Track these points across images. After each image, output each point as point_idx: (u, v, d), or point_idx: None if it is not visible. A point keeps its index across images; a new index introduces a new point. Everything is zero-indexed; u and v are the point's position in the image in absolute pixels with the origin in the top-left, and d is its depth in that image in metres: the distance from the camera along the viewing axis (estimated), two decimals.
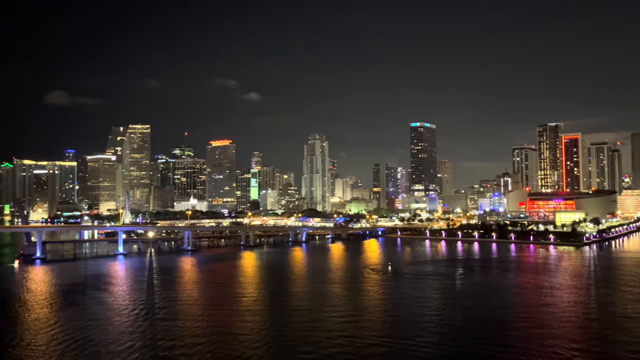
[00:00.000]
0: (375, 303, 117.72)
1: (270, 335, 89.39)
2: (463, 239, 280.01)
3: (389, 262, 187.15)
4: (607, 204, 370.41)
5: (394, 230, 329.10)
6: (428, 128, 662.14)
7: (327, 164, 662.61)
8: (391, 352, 79.63)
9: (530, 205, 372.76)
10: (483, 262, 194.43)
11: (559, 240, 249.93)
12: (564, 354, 76.49)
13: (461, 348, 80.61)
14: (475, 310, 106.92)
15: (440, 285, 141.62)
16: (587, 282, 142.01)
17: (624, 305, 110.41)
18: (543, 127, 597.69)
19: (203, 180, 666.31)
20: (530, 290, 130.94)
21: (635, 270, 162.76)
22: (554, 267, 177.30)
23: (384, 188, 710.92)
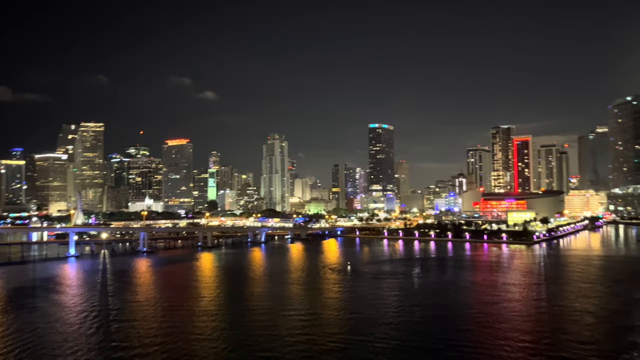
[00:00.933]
0: (334, 302, 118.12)
1: (228, 336, 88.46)
2: (420, 238, 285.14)
3: (348, 262, 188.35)
4: (556, 203, 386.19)
5: (352, 230, 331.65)
6: (386, 129, 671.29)
7: (287, 164, 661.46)
8: (350, 349, 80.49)
9: (484, 205, 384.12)
10: (439, 261, 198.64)
11: (511, 239, 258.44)
12: (516, 346, 79.23)
13: (419, 344, 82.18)
14: (432, 308, 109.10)
15: (399, 283, 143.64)
16: (537, 279, 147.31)
17: (572, 300, 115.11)
18: (496, 129, 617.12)
19: (159, 180, 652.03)
20: (484, 288, 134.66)
21: (581, 267, 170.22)
22: (507, 265, 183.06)
23: (342, 188, 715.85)
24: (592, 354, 76.27)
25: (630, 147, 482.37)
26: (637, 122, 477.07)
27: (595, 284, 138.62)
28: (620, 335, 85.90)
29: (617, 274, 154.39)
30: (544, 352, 77.46)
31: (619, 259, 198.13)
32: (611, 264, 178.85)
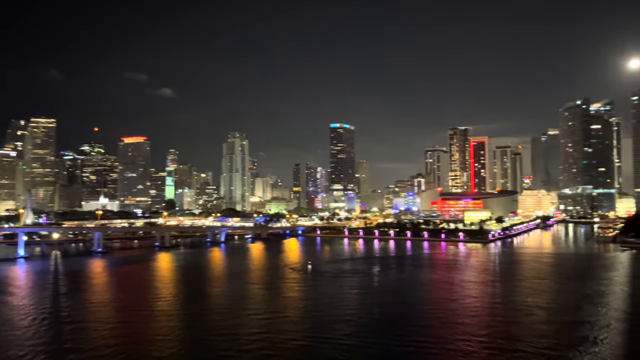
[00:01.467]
0: (295, 302, 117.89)
1: (186, 337, 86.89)
2: (380, 237, 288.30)
3: (308, 261, 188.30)
4: (510, 203, 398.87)
5: (313, 230, 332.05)
6: (347, 129, 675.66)
7: (247, 163, 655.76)
8: (310, 346, 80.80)
9: (442, 204, 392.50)
10: (398, 260, 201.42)
11: (468, 238, 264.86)
12: (473, 341, 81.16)
13: (379, 341, 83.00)
14: (392, 306, 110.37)
15: (359, 282, 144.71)
16: (493, 277, 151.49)
17: (526, 297, 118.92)
18: (454, 130, 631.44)
19: (114, 178, 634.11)
20: (442, 285, 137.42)
21: (534, 264, 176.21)
22: (464, 263, 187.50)
23: (304, 188, 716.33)
24: (544, 347, 79.02)
25: (580, 149, 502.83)
26: (586, 125, 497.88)
27: (547, 280, 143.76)
28: (570, 330, 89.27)
29: (567, 271, 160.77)
30: (500, 346, 79.76)
31: (569, 256, 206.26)
32: (561, 261, 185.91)
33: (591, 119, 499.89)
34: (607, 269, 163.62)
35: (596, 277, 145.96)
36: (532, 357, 75.13)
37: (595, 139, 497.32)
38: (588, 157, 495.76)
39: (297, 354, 77.91)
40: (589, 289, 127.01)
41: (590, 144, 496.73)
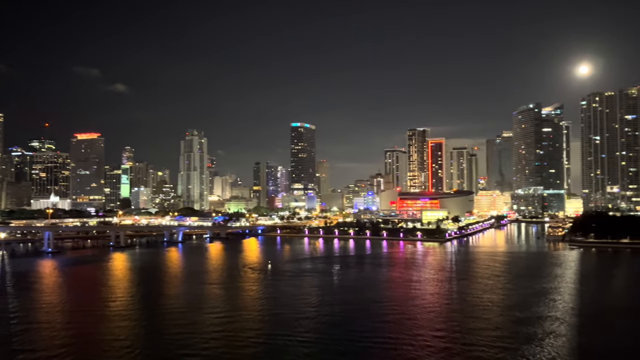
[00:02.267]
0: (254, 301, 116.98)
1: (142, 339, 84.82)
2: (340, 236, 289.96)
3: (268, 261, 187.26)
4: (466, 203, 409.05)
5: (273, 229, 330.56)
6: (308, 128, 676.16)
7: (206, 161, 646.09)
8: (270, 346, 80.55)
9: (401, 204, 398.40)
10: (358, 259, 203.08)
11: (425, 237, 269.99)
12: (430, 337, 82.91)
13: (338, 338, 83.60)
14: (351, 304, 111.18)
15: (319, 281, 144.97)
16: (449, 275, 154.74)
17: (480, 294, 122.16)
18: (412, 131, 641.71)
19: (66, 175, 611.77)
20: (400, 284, 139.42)
21: (488, 262, 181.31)
22: (421, 261, 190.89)
23: (264, 187, 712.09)
24: (496, 342, 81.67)
25: (532, 151, 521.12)
26: (538, 128, 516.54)
27: (500, 278, 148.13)
28: (522, 326, 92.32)
29: (520, 269, 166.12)
30: (455, 341, 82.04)
31: (521, 254, 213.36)
32: (514, 260, 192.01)
33: (542, 122, 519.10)
34: (557, 267, 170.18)
35: (547, 275, 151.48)
36: (486, 351, 77.48)
37: (546, 142, 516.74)
38: (539, 159, 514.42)
39: (257, 352, 77.58)
40: (540, 287, 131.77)
41: (541, 146, 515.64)
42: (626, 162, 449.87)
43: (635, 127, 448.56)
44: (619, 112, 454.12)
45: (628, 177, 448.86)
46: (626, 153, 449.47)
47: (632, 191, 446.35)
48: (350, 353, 78.13)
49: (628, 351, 79.66)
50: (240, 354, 76.74)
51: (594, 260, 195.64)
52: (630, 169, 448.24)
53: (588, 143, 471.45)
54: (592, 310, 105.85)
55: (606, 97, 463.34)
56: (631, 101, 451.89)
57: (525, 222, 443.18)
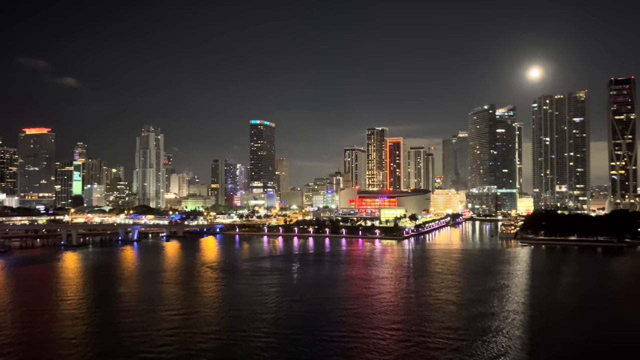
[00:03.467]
0: (212, 300, 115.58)
1: (94, 339, 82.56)
2: (299, 234, 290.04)
3: (227, 259, 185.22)
4: (423, 201, 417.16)
5: (232, 227, 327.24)
6: (268, 126, 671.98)
7: (163, 158, 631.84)
8: (229, 343, 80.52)
9: (360, 202, 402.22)
10: (317, 256, 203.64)
11: (384, 235, 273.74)
12: (388, 334, 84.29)
13: (298, 337, 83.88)
14: (311, 302, 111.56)
15: (278, 279, 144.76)
16: (406, 272, 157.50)
17: (437, 291, 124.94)
18: (371, 130, 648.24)
19: (14, 172, 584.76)
20: (359, 281, 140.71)
21: (444, 259, 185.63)
22: (379, 259, 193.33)
23: (222, 185, 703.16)
24: (452, 336, 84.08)
25: (486, 151, 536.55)
26: (492, 129, 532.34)
27: (456, 275, 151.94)
28: (476, 321, 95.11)
29: (474, 266, 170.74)
30: (412, 337, 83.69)
31: (475, 252, 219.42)
32: (469, 257, 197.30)
33: (496, 123, 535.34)
34: (509, 264, 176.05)
35: (500, 272, 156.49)
36: (442, 344, 79.50)
37: (500, 142, 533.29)
38: (493, 159, 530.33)
39: (214, 352, 77.03)
40: (494, 283, 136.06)
41: (495, 146, 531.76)
42: (574, 162, 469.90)
43: (582, 129, 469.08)
44: (567, 115, 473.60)
45: (575, 177, 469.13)
46: (574, 154, 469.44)
47: (578, 190, 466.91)
48: (310, 346, 78.94)
49: (576, 345, 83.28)
50: (198, 351, 76.33)
51: (543, 257, 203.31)
52: (577, 170, 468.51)
53: (539, 144, 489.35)
54: (542, 306, 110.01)
55: (556, 100, 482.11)
56: (579, 104, 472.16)
57: (479, 220, 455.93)
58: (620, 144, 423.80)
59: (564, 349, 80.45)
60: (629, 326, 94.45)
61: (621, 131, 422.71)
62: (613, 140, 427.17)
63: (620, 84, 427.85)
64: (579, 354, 78.61)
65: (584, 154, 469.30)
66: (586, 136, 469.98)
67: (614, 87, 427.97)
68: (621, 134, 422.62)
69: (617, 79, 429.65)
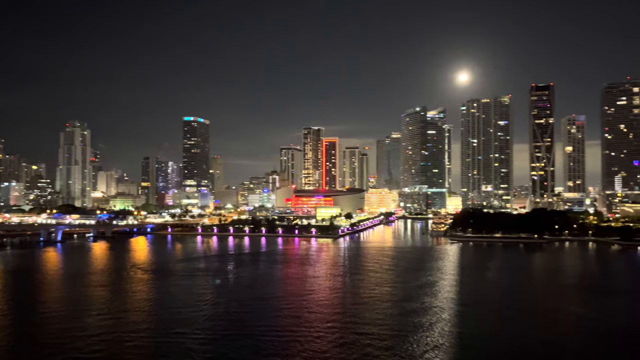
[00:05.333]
0: (143, 303, 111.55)
1: (15, 349, 77.13)
2: (234, 234, 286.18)
3: (159, 260, 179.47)
4: (358, 200, 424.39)
5: (164, 227, 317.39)
6: (201, 123, 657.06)
7: (89, 155, 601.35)
8: (159, 347, 78.56)
9: (296, 201, 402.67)
10: (253, 256, 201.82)
11: (320, 233, 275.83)
12: (323, 331, 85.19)
13: (233, 337, 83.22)
14: (246, 302, 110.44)
15: (213, 280, 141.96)
16: (342, 270, 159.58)
17: (370, 289, 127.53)
18: (308, 130, 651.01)
19: None
20: (295, 280, 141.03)
21: (378, 258, 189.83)
22: (315, 257, 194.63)
23: (153, 183, 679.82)
24: (386, 331, 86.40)
25: (418, 151, 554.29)
26: (424, 130, 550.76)
27: (389, 272, 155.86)
28: (409, 316, 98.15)
29: (406, 263, 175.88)
30: (347, 334, 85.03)
31: (407, 249, 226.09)
32: (401, 254, 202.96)
33: (428, 125, 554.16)
34: (439, 261, 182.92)
35: (430, 268, 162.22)
36: (376, 339, 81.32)
37: (431, 143, 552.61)
38: (424, 160, 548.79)
39: (146, 354, 74.88)
40: (425, 279, 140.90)
41: (426, 147, 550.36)
42: (499, 163, 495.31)
43: (506, 132, 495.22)
44: (493, 118, 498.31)
45: (500, 177, 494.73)
46: (499, 155, 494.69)
47: (503, 190, 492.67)
48: (246, 347, 78.35)
49: (501, 336, 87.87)
50: (130, 354, 73.93)
51: (471, 254, 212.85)
52: (502, 170, 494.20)
53: (467, 145, 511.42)
54: (470, 301, 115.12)
55: (483, 104, 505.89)
56: (504, 108, 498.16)
57: (411, 218, 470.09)
58: (540, 147, 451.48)
59: (491, 341, 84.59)
60: (544, 317, 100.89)
61: (541, 134, 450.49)
62: (533, 142, 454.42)
63: (540, 90, 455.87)
64: (504, 345, 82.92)
65: (508, 155, 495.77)
66: (510, 139, 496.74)
67: (535, 92, 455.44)
68: (541, 137, 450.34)
69: (538, 85, 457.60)
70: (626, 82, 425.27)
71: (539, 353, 78.91)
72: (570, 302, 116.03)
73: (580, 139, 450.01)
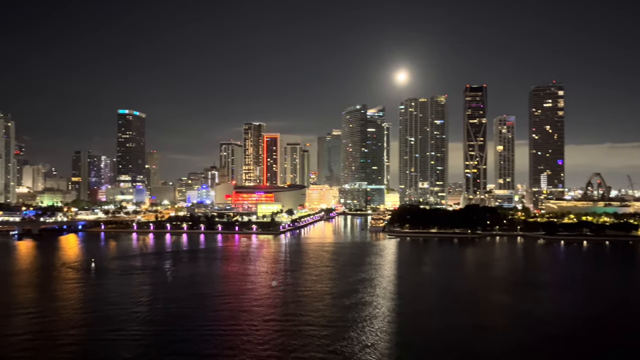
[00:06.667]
0: (75, 303, 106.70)
1: None
2: (172, 231, 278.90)
3: (92, 259, 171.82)
4: (299, 197, 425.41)
5: (97, 224, 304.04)
6: (137, 117, 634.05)
7: (13, 147, 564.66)
8: (94, 346, 76.19)
9: (236, 197, 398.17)
10: (192, 253, 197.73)
11: (260, 230, 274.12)
12: (263, 327, 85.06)
13: (174, 334, 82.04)
14: (185, 300, 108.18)
15: (151, 278, 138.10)
16: (282, 267, 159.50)
17: (312, 284, 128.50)
18: (248, 125, 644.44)
19: None
20: (235, 278, 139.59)
21: (318, 253, 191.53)
22: (256, 254, 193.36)
23: (85, 178, 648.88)
24: (325, 325, 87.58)
25: (358, 149, 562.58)
26: (364, 128, 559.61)
27: (329, 268, 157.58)
28: (348, 311, 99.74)
29: (346, 258, 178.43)
30: (288, 328, 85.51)
31: (347, 245, 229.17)
32: (341, 250, 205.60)
33: (367, 122, 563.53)
34: (378, 255, 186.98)
35: (369, 263, 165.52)
36: (316, 333, 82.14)
37: (370, 141, 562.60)
38: (364, 157, 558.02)
39: (80, 354, 72.02)
40: (364, 274, 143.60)
41: (366, 145, 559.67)
42: (435, 161, 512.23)
43: (442, 131, 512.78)
44: (430, 117, 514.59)
45: (436, 175, 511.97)
46: (435, 153, 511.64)
47: (438, 187, 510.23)
48: (186, 345, 77.11)
49: (441, 328, 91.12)
50: (64, 354, 70.79)
51: (408, 249, 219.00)
52: (437, 168, 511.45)
53: (404, 143, 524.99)
54: (408, 295, 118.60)
55: (420, 103, 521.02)
56: (440, 108, 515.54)
57: (351, 214, 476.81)
58: (473, 145, 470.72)
59: (427, 333, 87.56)
60: (477, 309, 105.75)
61: (474, 134, 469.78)
62: (467, 141, 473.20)
63: (474, 90, 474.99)
64: (439, 337, 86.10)
65: (443, 153, 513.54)
66: (445, 137, 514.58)
67: (469, 93, 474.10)
68: (474, 136, 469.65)
69: (472, 86, 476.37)
70: (552, 85, 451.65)
71: (472, 344, 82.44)
72: (500, 294, 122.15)
73: (511, 138, 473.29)
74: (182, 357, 73.15)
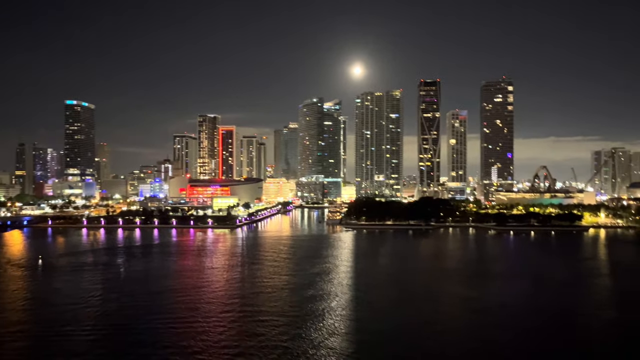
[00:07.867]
0: (22, 301, 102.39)
1: None
2: (124, 225, 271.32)
3: (39, 255, 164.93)
4: (255, 190, 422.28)
5: (43, 219, 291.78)
6: (86, 108, 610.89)
7: None
8: (43, 344, 73.83)
9: (191, 191, 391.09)
10: (145, 248, 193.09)
11: (216, 224, 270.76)
12: (219, 323, 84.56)
13: (126, 328, 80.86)
14: (139, 296, 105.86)
15: (102, 275, 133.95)
16: (240, 261, 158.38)
17: (268, 278, 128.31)
18: (203, 117, 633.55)
19: None
20: (191, 272, 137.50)
21: (276, 246, 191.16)
22: (212, 249, 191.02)
23: (30, 171, 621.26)
24: (283, 319, 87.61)
25: (315, 142, 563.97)
26: (321, 121, 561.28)
27: (287, 261, 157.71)
28: (306, 303, 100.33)
29: (303, 251, 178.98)
30: (245, 322, 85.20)
31: (304, 238, 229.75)
32: (298, 243, 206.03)
33: (324, 116, 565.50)
34: (335, 248, 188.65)
35: (326, 256, 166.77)
36: (273, 325, 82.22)
37: (327, 134, 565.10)
38: (321, 150, 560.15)
39: (28, 352, 69.83)
40: (321, 267, 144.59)
41: (323, 138, 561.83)
42: (390, 154, 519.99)
43: (397, 124, 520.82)
44: (385, 111, 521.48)
45: (391, 168, 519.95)
46: (390, 147, 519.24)
47: (393, 180, 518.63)
48: (141, 342, 75.62)
49: (392, 319, 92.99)
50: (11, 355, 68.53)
51: (364, 241, 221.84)
52: (393, 161, 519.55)
53: (361, 137, 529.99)
54: (364, 286, 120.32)
55: (376, 97, 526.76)
56: (395, 102, 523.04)
57: (308, 207, 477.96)
58: (427, 139, 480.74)
59: (384, 324, 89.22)
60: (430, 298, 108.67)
61: (428, 127, 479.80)
62: (421, 135, 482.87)
63: (428, 85, 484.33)
64: (395, 327, 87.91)
65: (399, 147, 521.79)
66: (400, 131, 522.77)
67: (423, 88, 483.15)
68: (428, 130, 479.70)
69: (426, 80, 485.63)
70: (502, 80, 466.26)
71: (426, 333, 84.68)
72: (452, 284, 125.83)
73: (463, 132, 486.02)
74: (137, 348, 71.89)
